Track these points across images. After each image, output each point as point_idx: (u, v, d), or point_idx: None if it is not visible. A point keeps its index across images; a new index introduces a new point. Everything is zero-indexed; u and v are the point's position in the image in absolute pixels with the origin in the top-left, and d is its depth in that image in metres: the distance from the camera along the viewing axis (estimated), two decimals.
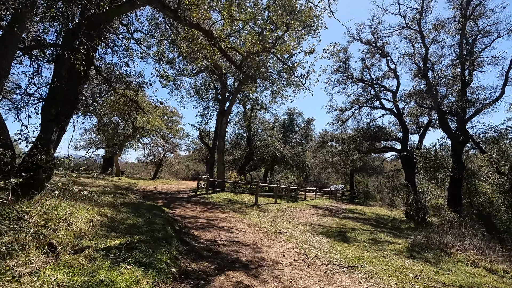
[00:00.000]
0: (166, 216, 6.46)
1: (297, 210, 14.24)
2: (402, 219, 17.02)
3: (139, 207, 6.67)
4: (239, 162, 26.41)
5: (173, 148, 30.51)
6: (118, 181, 17.10)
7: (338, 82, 19.41)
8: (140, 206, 6.74)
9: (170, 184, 24.12)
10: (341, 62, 18.52)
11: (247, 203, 13.14)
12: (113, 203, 6.32)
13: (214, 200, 12.35)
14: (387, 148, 19.08)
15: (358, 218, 14.47)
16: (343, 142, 19.17)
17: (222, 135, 15.93)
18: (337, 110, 22.02)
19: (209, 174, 17.46)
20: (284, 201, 17.56)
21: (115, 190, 10.15)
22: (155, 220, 5.39)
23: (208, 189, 15.16)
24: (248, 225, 7.81)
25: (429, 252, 6.60)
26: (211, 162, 17.70)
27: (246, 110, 25.37)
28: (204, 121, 18.97)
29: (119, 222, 4.81)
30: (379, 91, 20.13)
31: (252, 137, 25.73)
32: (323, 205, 20.89)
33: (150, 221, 5.27)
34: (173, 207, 9.26)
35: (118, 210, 5.69)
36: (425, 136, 17.97)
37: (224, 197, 13.90)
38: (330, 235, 8.05)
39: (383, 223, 13.52)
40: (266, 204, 14.09)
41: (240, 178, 18.26)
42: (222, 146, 16.06)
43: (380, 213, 19.14)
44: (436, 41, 15.43)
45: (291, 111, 30.45)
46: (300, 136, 30.23)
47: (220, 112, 16.32)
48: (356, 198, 32.14)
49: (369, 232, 9.65)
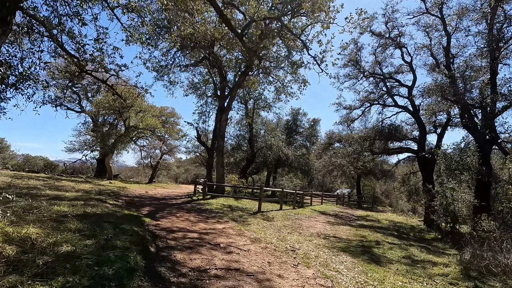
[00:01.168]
0: (141, 233, 4.83)
1: (305, 218, 12.60)
2: (422, 227, 15.33)
3: (105, 220, 5.04)
4: (240, 165, 24.81)
5: (170, 150, 28.91)
6: (107, 185, 15.52)
7: (349, 77, 17.84)
8: (107, 219, 5.10)
9: (166, 188, 22.51)
10: (351, 54, 16.96)
11: (249, 210, 11.52)
12: (63, 215, 4.69)
13: (212, 207, 10.74)
14: (402, 149, 17.43)
15: (374, 226, 12.81)
16: (354, 142, 17.54)
17: (221, 134, 14.36)
18: (346, 108, 20.44)
19: (207, 177, 15.83)
20: (290, 207, 15.93)
21: (92, 196, 8.56)
22: (115, 242, 3.74)
23: (205, 194, 13.55)
24: (251, 240, 6.20)
25: (495, 280, 4.95)
26: (209, 164, 16.10)
27: (248, 109, 23.83)
28: (202, 119, 17.44)
29: (43, 251, 3.13)
30: (391, 88, 18.56)
31: (254, 138, 24.16)
32: (331, 211, 19.24)
33: (107, 244, 3.61)
34: (160, 216, 7.66)
35: (61, 227, 4.03)
36: (444, 135, 16.31)
37: (223, 203, 12.28)
38: (353, 253, 6.41)
39: (404, 233, 11.84)
40: (271, 211, 12.46)
41: (241, 182, 16.65)
42: (221, 146, 14.48)
43: (395, 220, 17.45)
44: (459, 29, 13.88)
45: (295, 111, 28.87)
46: (305, 138, 28.61)
47: (220, 109, 14.78)
48: (364, 203, 30.42)
49: (397, 246, 8.00)
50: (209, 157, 16.08)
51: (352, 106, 20.17)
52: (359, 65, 17.23)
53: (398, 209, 23.23)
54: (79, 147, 28.36)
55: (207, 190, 14.21)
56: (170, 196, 14.48)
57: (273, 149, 22.13)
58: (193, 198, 13.72)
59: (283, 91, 18.95)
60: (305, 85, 18.02)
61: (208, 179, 15.79)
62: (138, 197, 11.95)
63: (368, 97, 19.58)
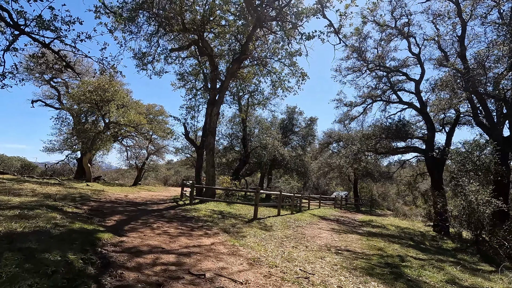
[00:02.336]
0: (80, 263, 3.06)
1: (307, 225, 11.07)
2: (432, 234, 13.98)
3: (24, 243, 3.29)
4: (232, 166, 23.14)
5: (157, 150, 26.99)
6: (82, 188, 13.64)
7: (352, 69, 16.47)
8: (31, 240, 3.35)
9: (151, 191, 20.66)
10: (355, 45, 15.57)
11: (244, 216, 9.89)
12: None
13: (199, 214, 9.06)
14: (409, 148, 16.11)
15: (384, 234, 11.37)
16: (357, 141, 16.12)
17: (212, 130, 12.70)
18: (347, 105, 19.09)
19: (196, 179, 14.10)
20: (288, 212, 14.38)
21: (48, 203, 6.79)
22: None
23: (193, 197, 11.85)
24: (249, 263, 4.59)
25: None
26: (198, 164, 14.39)
27: (241, 106, 22.23)
28: (190, 114, 15.67)
29: None
30: (396, 83, 17.27)
31: (248, 137, 22.53)
32: (331, 215, 17.78)
33: None
34: (130, 229, 5.96)
35: None
36: (453, 134, 15.07)
37: (213, 209, 10.61)
38: (383, 277, 4.86)
39: (420, 242, 10.41)
40: (268, 217, 10.86)
41: (234, 184, 15.01)
42: (212, 143, 12.81)
43: (401, 226, 16.10)
44: (474, 16, 12.66)
45: (291, 109, 27.37)
46: (301, 138, 27.14)
47: (210, 102, 13.12)
48: (363, 206, 29.11)
49: (427, 262, 6.50)
50: (198, 156, 14.37)
51: (354, 102, 18.83)
52: (364, 57, 15.87)
53: (400, 213, 21.96)
54: (59, 147, 26.19)
55: (195, 194, 12.53)
56: (153, 200, 12.71)
57: (269, 148, 20.56)
58: (179, 203, 12.00)
59: (280, 85, 17.46)
60: (303, 79, 16.63)
61: (197, 181, 14.07)
62: (113, 202, 10.16)
63: (370, 93, 18.27)
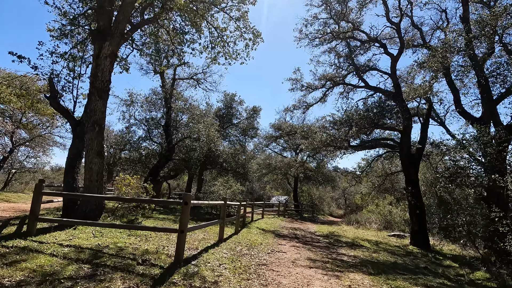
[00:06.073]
0: None
1: (267, 254, 6.23)
2: (416, 250, 10.91)
3: None
4: (149, 163, 16.66)
5: (32, 139, 18.17)
6: None
7: (319, 32, 12.55)
8: None
9: (10, 201, 12.75)
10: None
11: (155, 260, 4.33)
12: None
13: (41, 270, 3.12)
14: (381, 141, 13.10)
15: (377, 261, 7.36)
16: (323, 132, 12.25)
17: (100, 86, 6.66)
18: (304, 88, 15.24)
19: (67, 178, 7.45)
20: (231, 229, 9.36)
21: None
22: None
23: (35, 219, 5.58)
24: None
25: None
26: (73, 152, 7.75)
27: (165, 81, 16.14)
28: (67, 65, 8.77)
29: None
30: (364, 65, 14.22)
31: (173, 123, 16.47)
32: (282, 228, 13.49)
33: None
34: None
35: None
36: (428, 126, 12.63)
37: (82, 245, 4.67)
38: None
39: (435, 273, 6.72)
40: (205, 250, 5.52)
41: (143, 189, 9.00)
42: (99, 110, 6.72)
43: (369, 238, 12.85)
44: None
45: (229, 96, 22.33)
46: (241, 131, 22.40)
47: (98, 34, 7.00)
48: (305, 212, 26.13)
49: None
50: (74, 137, 7.80)
51: (312, 84, 15.11)
52: (335, 19, 12.14)
53: (352, 220, 19.29)
54: None
55: (63, 208, 6.30)
56: None
57: (202, 139, 15.06)
58: (14, 231, 5.54)
59: (222, 48, 12.34)
60: (255, 41, 12.05)
61: (69, 183, 7.50)
62: None
63: (331, 76, 14.89)
